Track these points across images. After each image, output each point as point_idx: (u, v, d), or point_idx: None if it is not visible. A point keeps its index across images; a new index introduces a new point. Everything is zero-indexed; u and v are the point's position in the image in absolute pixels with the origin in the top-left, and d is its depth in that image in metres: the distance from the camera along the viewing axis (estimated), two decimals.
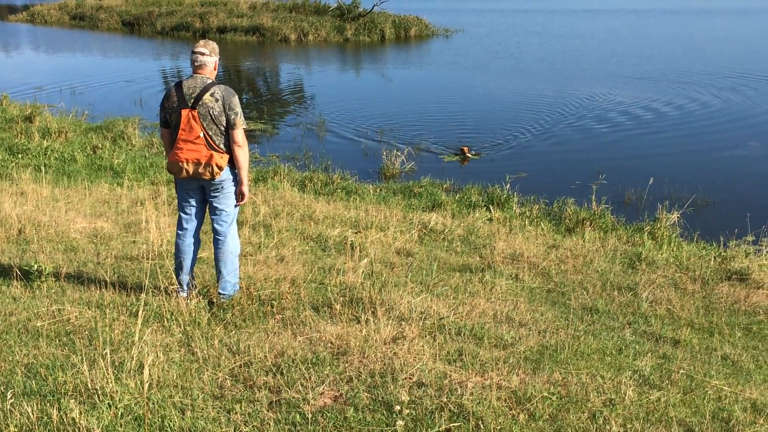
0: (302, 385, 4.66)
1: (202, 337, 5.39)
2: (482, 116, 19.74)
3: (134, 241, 8.25)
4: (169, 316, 5.68)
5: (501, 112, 20.17)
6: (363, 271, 6.72)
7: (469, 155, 15.09)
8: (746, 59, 30.06)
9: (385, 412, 4.43)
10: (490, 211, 10.86)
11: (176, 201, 6.34)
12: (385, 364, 4.99)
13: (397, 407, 4.42)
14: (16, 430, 4.07)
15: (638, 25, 45.20)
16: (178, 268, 6.17)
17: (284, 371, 4.86)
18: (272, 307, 6.03)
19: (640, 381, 5.23)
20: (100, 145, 14.34)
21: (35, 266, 6.43)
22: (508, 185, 12.03)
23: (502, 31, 41.73)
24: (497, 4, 63.67)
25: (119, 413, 4.23)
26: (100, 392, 4.37)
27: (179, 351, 5.20)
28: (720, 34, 40.46)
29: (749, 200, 12.36)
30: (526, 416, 4.49)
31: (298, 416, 4.37)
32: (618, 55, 31.37)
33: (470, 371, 5.01)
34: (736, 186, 13.46)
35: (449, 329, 5.83)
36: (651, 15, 52.67)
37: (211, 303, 6.07)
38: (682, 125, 18.28)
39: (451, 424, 4.34)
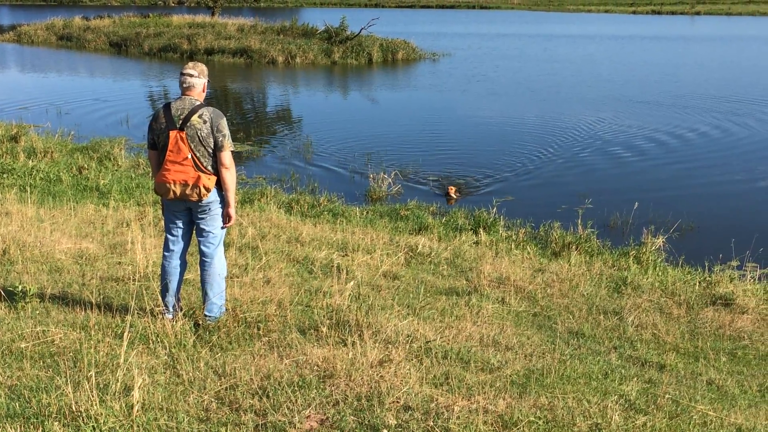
0: (288, 408, 4.64)
1: (188, 359, 5.36)
2: (468, 139, 19.82)
3: (120, 263, 8.22)
4: (154, 338, 5.65)
5: (487, 136, 20.28)
6: (349, 294, 6.71)
7: (454, 196, 14.07)
8: (726, 84, 30.38)
9: None
10: (476, 234, 10.89)
11: (163, 222, 6.32)
12: (371, 388, 4.97)
13: (384, 431, 4.40)
14: None
15: (629, 50, 45.66)
16: (164, 290, 6.15)
17: (270, 394, 4.84)
18: (258, 329, 6.00)
19: (626, 405, 5.24)
20: (86, 165, 14.29)
21: (19, 287, 6.38)
22: (495, 209, 12.07)
23: (481, 56, 42.00)
24: (481, 29, 64.18)
25: None
26: (84, 415, 4.33)
27: (165, 373, 5.17)
28: (697, 60, 40.96)
29: (734, 225, 12.46)
30: None
31: None
32: (602, 81, 31.64)
33: (457, 395, 4.99)
34: (720, 211, 13.56)
35: (436, 353, 5.82)
36: (632, 41, 53.30)
37: (197, 325, 6.04)
38: (666, 150, 18.44)
39: None
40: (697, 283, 8.91)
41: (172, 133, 5.74)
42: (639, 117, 22.84)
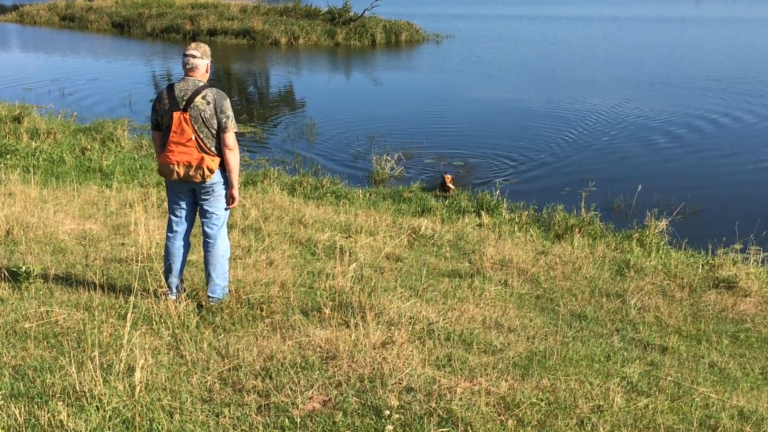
0: (291, 389, 4.66)
1: (191, 340, 5.38)
2: (471, 122, 19.75)
3: (123, 244, 8.23)
4: (158, 319, 5.67)
5: (490, 119, 20.23)
6: (352, 276, 6.72)
7: (450, 186, 12.91)
8: (729, 67, 30.19)
9: (374, 417, 4.43)
10: (479, 216, 10.88)
11: (166, 203, 6.32)
12: (374, 369, 4.99)
13: (386, 412, 4.42)
14: (3, 431, 4.05)
15: (640, 32, 45.44)
16: (168, 271, 6.16)
17: (273, 375, 4.86)
18: (261, 310, 6.02)
19: (628, 388, 5.25)
20: (89, 146, 14.28)
21: (23, 267, 6.40)
22: (498, 191, 12.06)
23: (484, 38, 41.80)
24: (484, 10, 63.82)
25: (107, 416, 4.22)
26: (88, 395, 4.36)
27: (168, 354, 5.19)
28: (701, 42, 40.78)
29: (737, 208, 12.43)
30: (515, 422, 4.50)
31: (286, 420, 4.36)
32: (608, 64, 31.49)
33: (459, 377, 5.01)
34: (724, 194, 13.53)
35: (438, 334, 5.84)
36: (640, 23, 53.03)
37: (200, 306, 6.06)
38: (669, 133, 18.35)
39: (440, 430, 4.34)
40: (700, 266, 8.90)
41: (176, 114, 5.73)
42: (642, 100, 22.74)
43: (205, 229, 6.06)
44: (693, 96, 23.42)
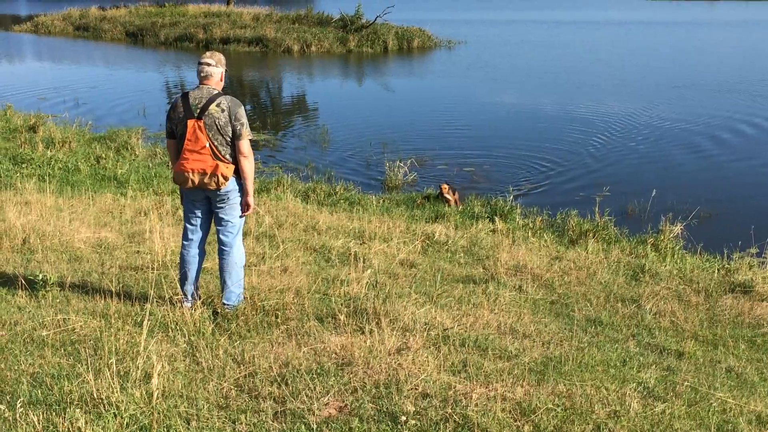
0: (307, 396, 4.66)
1: (207, 347, 5.39)
2: (483, 128, 19.74)
3: (138, 251, 8.26)
4: (173, 326, 5.69)
5: (502, 124, 20.22)
6: (367, 282, 6.73)
7: (448, 197, 12.10)
8: (747, 70, 30.06)
9: (390, 423, 4.43)
10: (493, 222, 10.86)
11: (181, 211, 6.35)
12: (389, 375, 4.99)
13: (402, 418, 4.42)
14: None
15: (660, 36, 45.32)
16: (183, 279, 6.18)
17: (289, 382, 4.86)
18: (277, 317, 6.03)
19: (645, 393, 5.23)
20: (103, 155, 14.36)
21: (40, 276, 6.44)
22: (512, 197, 12.03)
23: (496, 43, 41.80)
24: (495, 15, 63.78)
25: (125, 423, 4.24)
26: (105, 402, 4.38)
27: (184, 361, 5.20)
28: (706, 45, 40.61)
29: (753, 212, 12.36)
30: (531, 428, 4.49)
31: (303, 427, 4.37)
32: (622, 69, 31.41)
33: (475, 382, 5.00)
34: (739, 198, 13.46)
35: (453, 340, 5.83)
36: (658, 27, 52.87)
37: (215, 313, 6.08)
38: (683, 137, 18.28)
39: None
40: (716, 271, 8.86)
41: (190, 122, 5.76)
42: (655, 105, 22.65)
43: (221, 236, 6.08)
44: (707, 100, 23.33)
